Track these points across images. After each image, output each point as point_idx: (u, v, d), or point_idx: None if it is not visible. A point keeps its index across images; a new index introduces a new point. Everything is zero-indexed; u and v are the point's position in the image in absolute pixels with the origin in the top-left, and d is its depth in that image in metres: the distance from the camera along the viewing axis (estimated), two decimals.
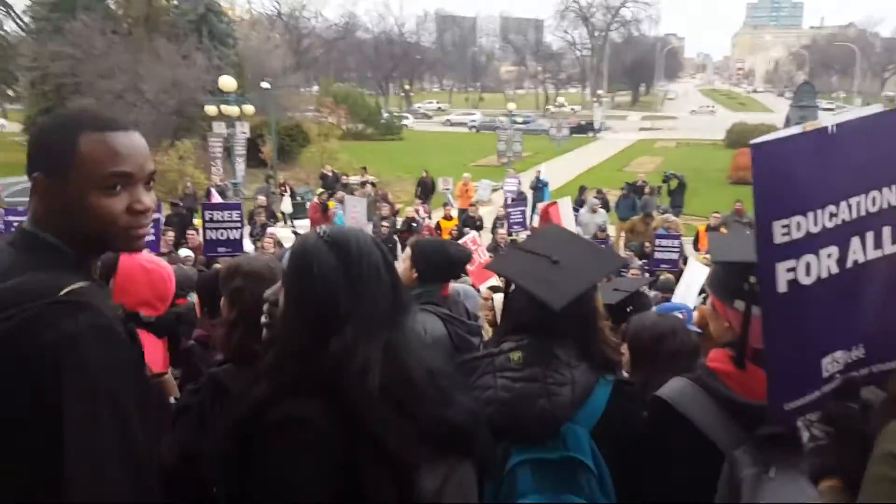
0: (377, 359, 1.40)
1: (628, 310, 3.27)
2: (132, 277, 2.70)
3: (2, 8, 46.07)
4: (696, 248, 13.71)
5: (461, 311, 3.01)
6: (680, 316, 3.48)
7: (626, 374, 2.84)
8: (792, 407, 1.59)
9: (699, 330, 3.12)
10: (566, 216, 11.64)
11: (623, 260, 2.48)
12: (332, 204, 16.53)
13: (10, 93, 57.36)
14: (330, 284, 1.42)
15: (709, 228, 13.43)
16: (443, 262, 2.91)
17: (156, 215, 8.45)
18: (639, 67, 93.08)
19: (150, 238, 7.92)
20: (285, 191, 20.46)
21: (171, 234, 11.51)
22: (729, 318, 1.84)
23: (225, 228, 7.79)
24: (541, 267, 1.94)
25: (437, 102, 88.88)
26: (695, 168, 34.16)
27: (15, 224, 9.28)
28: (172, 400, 2.66)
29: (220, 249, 7.78)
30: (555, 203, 11.43)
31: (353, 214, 12.47)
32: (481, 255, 10.71)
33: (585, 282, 1.94)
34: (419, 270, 2.90)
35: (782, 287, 1.50)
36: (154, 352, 2.85)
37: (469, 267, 10.44)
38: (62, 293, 1.31)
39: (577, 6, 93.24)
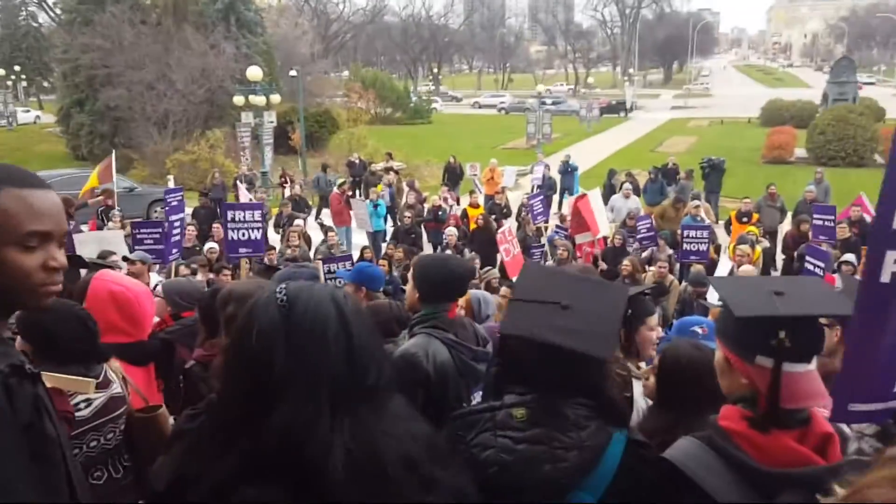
0: (339, 439, 1.27)
1: (627, 312, 3.09)
2: (99, 301, 2.64)
3: (35, 1, 46.94)
4: (728, 233, 13.38)
5: (470, 335, 2.82)
6: (700, 331, 3.33)
7: (647, 402, 2.71)
8: (856, 409, 1.47)
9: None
10: (598, 208, 11.49)
11: (625, 289, 2.23)
12: (380, 188, 16.37)
13: (46, 84, 58.59)
14: (266, 342, 1.32)
15: (739, 215, 13.07)
16: (444, 279, 2.74)
17: (179, 215, 8.45)
18: (671, 44, 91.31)
19: (176, 237, 7.93)
20: (285, 182, 20.24)
21: (191, 230, 11.42)
22: (749, 374, 1.62)
23: (246, 228, 7.82)
24: (556, 316, 1.76)
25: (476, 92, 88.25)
26: (728, 147, 33.44)
27: None
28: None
29: (242, 250, 7.82)
30: (584, 196, 11.26)
31: (359, 216, 12.36)
32: (515, 247, 10.63)
33: (612, 322, 1.78)
34: (420, 290, 2.76)
35: (885, 277, 1.38)
36: (137, 380, 2.80)
37: (505, 258, 10.46)
38: None
39: None
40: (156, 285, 7.61)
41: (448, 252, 11.42)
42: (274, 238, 13.76)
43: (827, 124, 27.73)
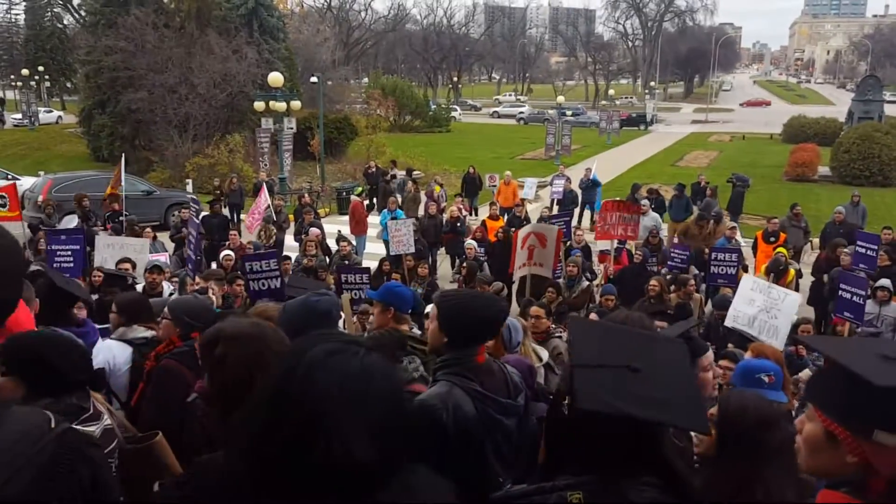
0: None
1: None
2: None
3: (60, 2, 47.45)
4: (754, 254, 13.08)
5: (499, 382, 2.52)
6: (767, 379, 3.06)
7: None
8: None
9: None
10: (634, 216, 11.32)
11: (683, 345, 1.98)
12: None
13: (69, 85, 59.22)
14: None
15: (765, 235, 12.78)
16: (474, 323, 2.47)
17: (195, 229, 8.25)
18: (693, 58, 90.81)
19: (194, 245, 7.77)
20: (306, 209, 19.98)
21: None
22: (863, 453, 1.37)
23: (265, 278, 7.71)
24: (631, 383, 1.53)
25: (509, 97, 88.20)
26: (750, 163, 33.14)
27: (59, 253, 9.07)
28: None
29: (264, 300, 7.70)
30: (619, 202, 11.10)
31: (397, 238, 12.14)
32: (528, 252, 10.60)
33: (692, 386, 1.57)
34: (448, 335, 2.49)
35: None
36: None
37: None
38: None
39: None
40: (170, 294, 7.52)
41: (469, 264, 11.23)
42: (293, 245, 13.68)
43: (852, 143, 27.31)
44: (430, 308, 2.76)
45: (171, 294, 7.30)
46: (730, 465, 2.12)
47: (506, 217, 16.28)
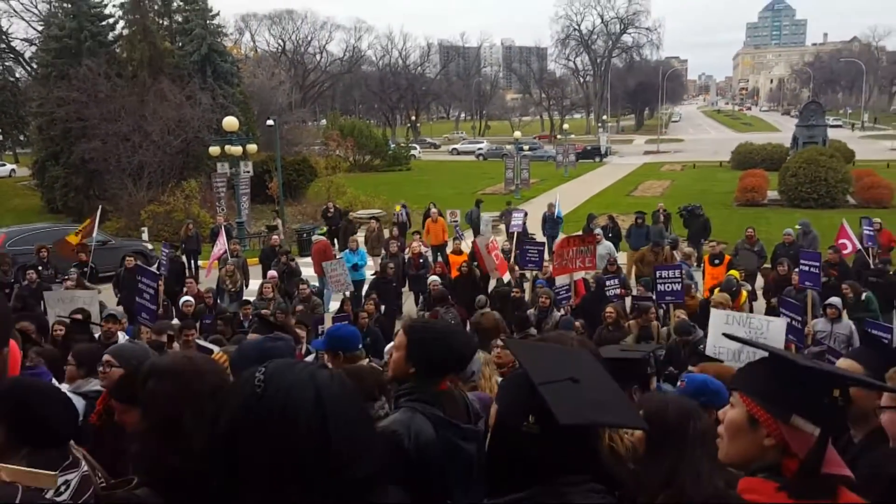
0: None
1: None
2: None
3: (11, 55, 46.91)
4: (703, 278, 13.37)
5: (460, 409, 2.53)
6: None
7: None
8: None
9: None
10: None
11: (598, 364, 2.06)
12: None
13: (22, 138, 58.18)
14: (232, 425, 1.27)
15: (711, 258, 13.06)
16: (445, 357, 2.47)
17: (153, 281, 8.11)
18: (642, 91, 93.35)
19: (149, 295, 7.66)
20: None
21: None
22: (781, 435, 1.49)
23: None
24: (583, 393, 1.60)
25: (458, 134, 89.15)
26: (702, 191, 33.97)
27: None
28: None
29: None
30: (576, 238, 11.26)
31: (336, 278, 12.17)
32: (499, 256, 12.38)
33: (614, 386, 1.62)
34: (416, 366, 2.47)
35: None
36: None
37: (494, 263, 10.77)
38: None
39: (579, 34, 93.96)
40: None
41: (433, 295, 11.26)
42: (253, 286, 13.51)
43: (798, 167, 28.22)
44: (387, 346, 2.76)
45: (126, 342, 7.17)
46: (659, 456, 2.23)
47: (438, 255, 16.39)
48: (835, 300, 9.61)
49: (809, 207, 26.17)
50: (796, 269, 10.96)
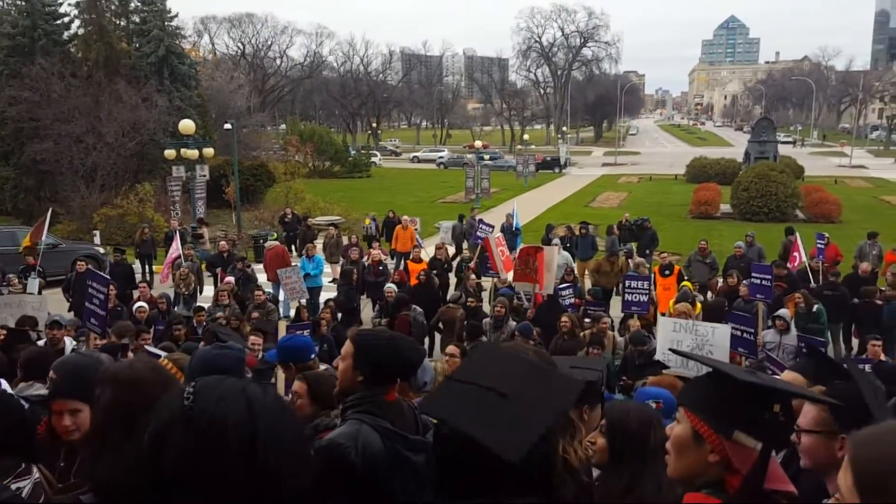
0: None
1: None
2: None
3: None
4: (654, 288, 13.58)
5: (408, 421, 2.50)
6: (655, 405, 3.23)
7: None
8: None
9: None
10: (549, 265, 11.52)
11: (580, 384, 2.03)
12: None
13: None
14: (159, 439, 1.26)
15: (661, 269, 13.28)
16: (393, 364, 2.46)
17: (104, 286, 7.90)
18: (601, 104, 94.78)
19: (98, 301, 7.48)
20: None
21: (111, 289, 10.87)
22: (724, 451, 1.50)
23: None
24: (487, 404, 1.58)
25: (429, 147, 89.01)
26: (657, 203, 34.64)
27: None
28: None
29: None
30: (541, 250, 11.27)
31: (291, 286, 12.05)
32: (504, 252, 11.99)
33: (542, 422, 1.56)
34: (364, 374, 2.45)
35: None
36: None
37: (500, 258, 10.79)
38: None
39: (540, 46, 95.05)
40: (72, 349, 7.20)
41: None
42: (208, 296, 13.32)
43: (750, 181, 28.95)
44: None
45: (73, 350, 7.00)
46: (621, 465, 2.27)
47: (403, 262, 16.41)
48: (783, 312, 9.87)
49: (760, 221, 26.84)
50: (745, 282, 11.24)
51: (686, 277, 13.22)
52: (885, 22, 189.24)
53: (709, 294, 13.68)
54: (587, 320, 10.36)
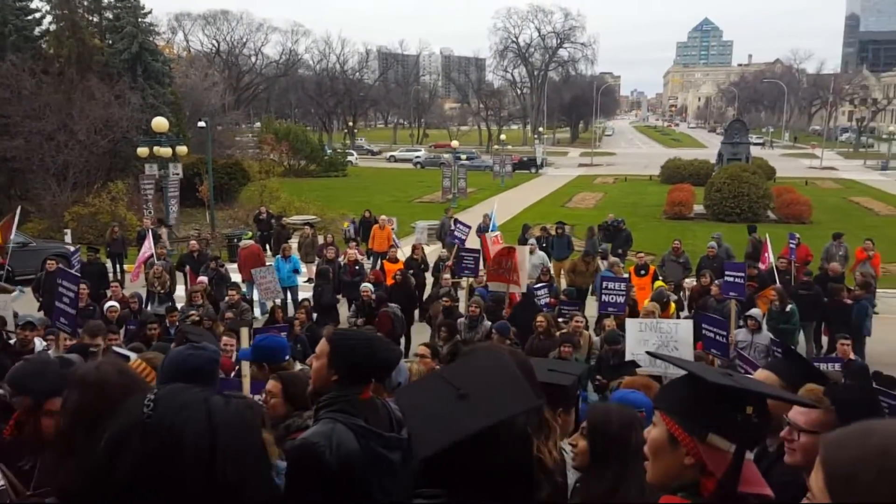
0: None
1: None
2: None
3: None
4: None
5: (383, 418, 2.49)
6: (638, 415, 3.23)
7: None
8: None
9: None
10: (523, 265, 11.56)
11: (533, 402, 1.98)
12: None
13: None
14: (115, 447, 1.26)
15: (637, 269, 13.41)
16: (366, 364, 2.44)
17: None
18: (577, 105, 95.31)
19: (68, 299, 7.37)
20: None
21: (83, 288, 10.64)
22: (699, 454, 1.51)
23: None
24: (443, 400, 1.57)
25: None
26: (632, 203, 34.93)
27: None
28: None
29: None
30: (515, 250, 11.30)
31: (265, 286, 11.97)
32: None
33: (467, 428, 1.49)
34: (340, 373, 2.42)
35: None
36: None
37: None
38: None
39: (517, 47, 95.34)
40: (43, 349, 7.09)
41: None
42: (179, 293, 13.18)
43: (723, 182, 29.32)
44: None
45: (44, 349, 6.89)
46: (603, 467, 2.27)
47: (379, 261, 16.39)
48: (755, 312, 10.01)
49: (733, 221, 27.18)
50: (717, 281, 11.38)
51: (660, 277, 13.35)
52: (856, 26, 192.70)
53: (683, 293, 13.84)
54: (561, 319, 10.43)
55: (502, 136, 62.11)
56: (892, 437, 0.97)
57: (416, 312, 13.41)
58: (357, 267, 14.43)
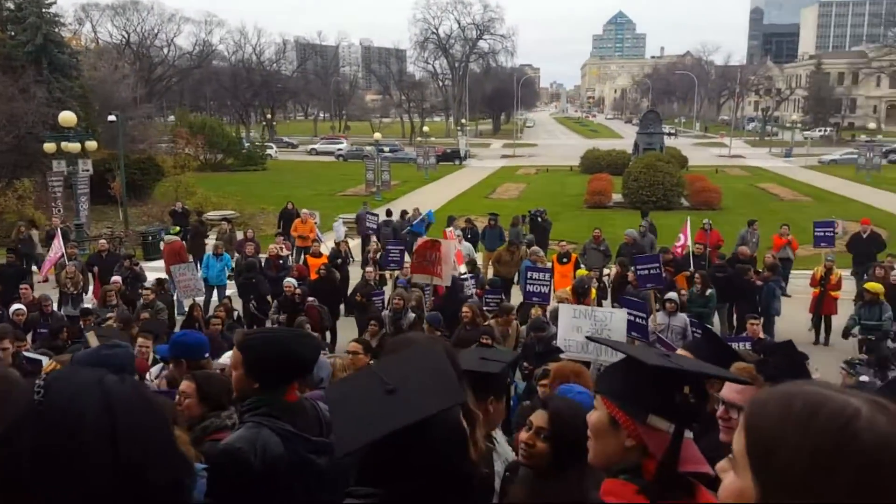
0: None
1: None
2: None
3: None
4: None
5: (311, 421, 2.42)
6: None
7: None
8: None
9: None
10: (447, 258, 11.56)
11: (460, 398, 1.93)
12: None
13: None
14: (9, 438, 1.20)
15: (559, 257, 13.68)
16: (284, 363, 2.36)
17: None
18: (498, 97, 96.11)
19: None
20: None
21: None
22: (639, 436, 1.53)
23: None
24: (370, 396, 1.54)
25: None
26: (554, 193, 35.58)
27: None
28: None
29: None
30: (439, 243, 11.30)
31: (184, 283, 11.63)
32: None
33: (386, 427, 1.47)
34: (257, 379, 2.35)
35: None
36: None
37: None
38: None
39: (437, 38, 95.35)
40: None
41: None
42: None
43: (639, 171, 30.20)
44: (227, 355, 2.61)
45: None
46: (564, 468, 2.23)
47: (302, 256, 16.18)
48: (672, 295, 10.36)
49: (649, 209, 27.93)
50: (632, 268, 11.74)
51: (582, 265, 13.65)
52: (759, 19, 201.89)
53: (604, 280, 14.21)
54: (486, 308, 10.53)
55: (425, 128, 62.21)
56: (815, 399, 1.00)
57: (342, 307, 13.29)
58: (280, 261, 14.18)
